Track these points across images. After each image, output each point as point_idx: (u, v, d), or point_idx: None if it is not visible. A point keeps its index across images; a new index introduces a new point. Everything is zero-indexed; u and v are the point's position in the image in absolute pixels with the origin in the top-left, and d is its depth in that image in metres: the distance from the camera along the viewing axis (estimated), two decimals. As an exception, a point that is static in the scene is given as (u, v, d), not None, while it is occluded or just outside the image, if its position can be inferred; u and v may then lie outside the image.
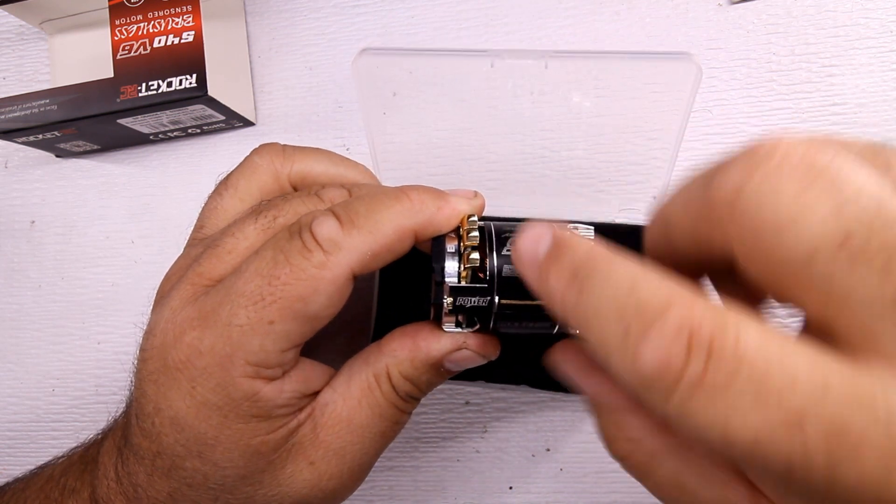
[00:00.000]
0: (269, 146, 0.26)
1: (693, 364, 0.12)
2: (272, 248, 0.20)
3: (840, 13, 0.34)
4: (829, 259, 0.13)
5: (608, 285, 0.15)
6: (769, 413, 0.12)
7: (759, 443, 0.12)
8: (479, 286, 0.20)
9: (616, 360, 0.14)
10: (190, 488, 0.21)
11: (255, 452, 0.21)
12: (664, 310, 0.13)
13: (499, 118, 0.31)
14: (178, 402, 0.20)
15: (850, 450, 0.11)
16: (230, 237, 0.22)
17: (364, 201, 0.21)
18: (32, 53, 0.43)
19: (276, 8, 0.40)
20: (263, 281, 0.19)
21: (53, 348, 0.40)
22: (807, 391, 0.12)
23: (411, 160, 0.33)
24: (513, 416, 0.34)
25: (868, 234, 0.12)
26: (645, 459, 0.17)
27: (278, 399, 0.21)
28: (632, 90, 0.27)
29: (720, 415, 0.12)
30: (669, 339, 0.13)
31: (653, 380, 0.13)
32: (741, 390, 0.12)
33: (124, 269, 0.40)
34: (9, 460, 0.39)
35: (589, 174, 0.33)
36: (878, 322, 0.12)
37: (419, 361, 0.22)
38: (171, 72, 0.35)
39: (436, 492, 0.34)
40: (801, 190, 0.13)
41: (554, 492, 0.33)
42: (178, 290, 0.22)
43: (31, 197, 0.42)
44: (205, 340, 0.20)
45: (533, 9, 0.37)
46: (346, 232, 0.20)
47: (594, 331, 0.15)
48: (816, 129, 0.34)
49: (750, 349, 0.12)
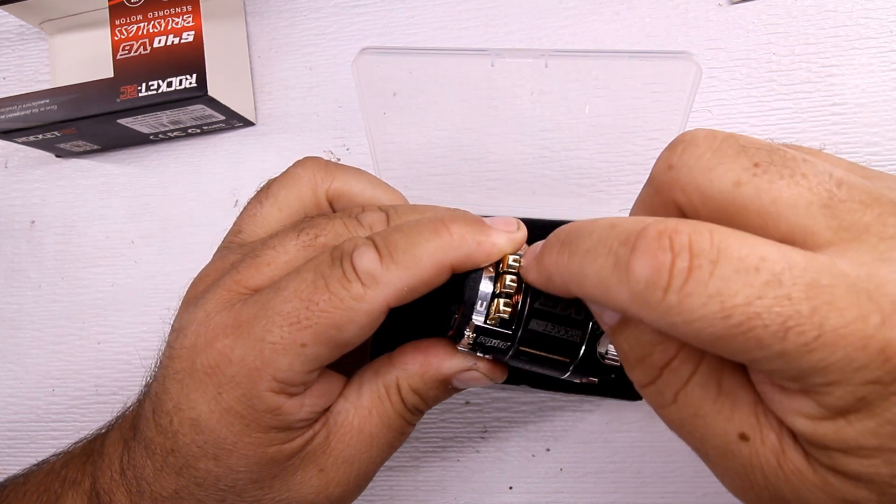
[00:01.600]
0: (313, 160, 0.26)
1: (679, 261, 0.15)
2: (313, 272, 0.20)
3: (840, 13, 0.34)
4: (749, 181, 0.16)
5: (591, 232, 0.17)
6: (753, 279, 0.14)
7: (752, 305, 0.14)
8: (504, 332, 0.21)
9: (615, 289, 0.16)
10: (198, 487, 0.22)
11: (271, 460, 0.21)
12: (643, 229, 0.16)
13: (499, 118, 0.31)
14: (201, 405, 0.21)
15: (828, 301, 0.14)
16: (271, 249, 0.22)
17: (404, 234, 0.21)
18: (32, 53, 0.43)
19: (276, 8, 0.40)
20: (301, 304, 0.20)
21: (53, 348, 0.40)
22: (778, 262, 0.14)
23: (411, 160, 0.33)
24: (513, 416, 0.34)
25: (770, 161, 0.16)
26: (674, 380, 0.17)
27: (299, 413, 0.21)
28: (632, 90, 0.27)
29: (714, 293, 0.14)
30: (653, 248, 0.15)
31: (649, 288, 0.15)
32: (726, 270, 0.14)
33: (124, 269, 0.40)
34: (9, 460, 0.39)
35: (589, 174, 0.33)
36: (805, 219, 0.15)
37: (429, 377, 0.23)
38: (171, 72, 0.35)
39: (436, 492, 0.34)
40: (714, 147, 0.17)
41: (554, 492, 0.33)
42: (214, 294, 0.22)
43: (31, 197, 0.42)
44: (236, 350, 0.20)
45: (533, 9, 0.37)
46: (385, 266, 0.20)
47: (590, 275, 0.17)
48: (816, 129, 0.34)
49: (724, 241, 0.15)
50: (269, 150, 0.39)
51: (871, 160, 0.33)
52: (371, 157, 0.32)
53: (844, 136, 0.33)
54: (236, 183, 0.39)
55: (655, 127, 0.28)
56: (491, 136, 0.32)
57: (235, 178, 0.39)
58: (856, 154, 0.33)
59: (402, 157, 0.33)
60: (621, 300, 0.16)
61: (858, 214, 0.15)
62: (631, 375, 0.19)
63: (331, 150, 0.38)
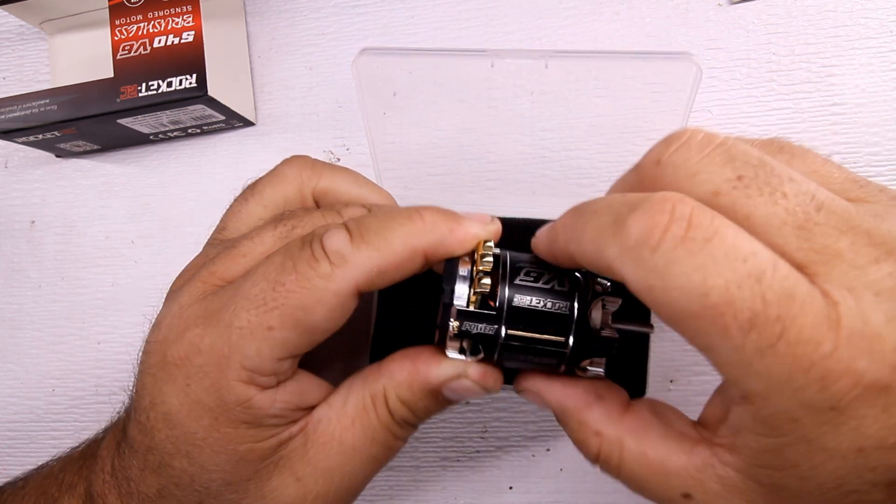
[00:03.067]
0: (300, 158, 0.26)
1: (675, 227, 0.15)
2: (282, 255, 0.20)
3: (840, 13, 0.34)
4: (727, 192, 0.16)
5: (603, 199, 0.18)
6: (738, 267, 0.15)
7: (730, 291, 0.15)
8: (488, 313, 0.20)
9: (607, 242, 0.16)
10: (177, 487, 0.21)
11: (242, 459, 0.21)
12: (649, 194, 0.16)
13: (499, 118, 0.31)
14: (171, 398, 0.20)
15: (794, 316, 0.14)
16: (247, 240, 0.23)
17: (376, 218, 0.21)
18: (32, 53, 0.43)
19: (276, 8, 0.40)
20: (268, 285, 0.20)
21: (53, 348, 0.40)
22: (765, 260, 0.15)
23: (411, 160, 0.33)
24: (513, 416, 0.34)
25: (755, 176, 0.16)
26: (612, 448, 0.19)
27: (270, 408, 0.20)
28: (632, 90, 0.27)
29: (700, 267, 0.15)
30: (654, 209, 0.16)
31: (639, 244, 0.16)
32: (716, 250, 0.15)
33: (124, 269, 0.40)
34: (9, 460, 0.39)
35: (589, 174, 0.33)
36: (776, 238, 0.16)
37: (417, 386, 0.22)
38: (171, 72, 0.35)
39: (436, 492, 0.34)
40: (704, 153, 0.17)
41: (554, 492, 0.33)
42: (189, 287, 0.22)
43: (31, 197, 0.42)
44: (205, 339, 0.20)
45: (533, 9, 0.37)
46: (354, 246, 0.20)
47: (588, 230, 0.17)
48: (816, 129, 0.34)
49: (723, 226, 0.15)
50: (269, 150, 0.39)
51: (871, 160, 0.33)
52: (371, 157, 0.32)
53: (844, 136, 0.33)
54: (236, 183, 0.38)
55: (655, 127, 0.28)
56: (491, 136, 0.32)
57: (235, 178, 0.39)
58: (856, 154, 0.33)
59: (402, 157, 0.33)
60: (610, 255, 0.16)
61: (832, 240, 0.15)
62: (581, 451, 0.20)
63: (331, 150, 0.38)
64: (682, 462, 0.18)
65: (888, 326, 0.14)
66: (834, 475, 0.15)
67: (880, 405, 0.14)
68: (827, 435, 0.15)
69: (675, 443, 0.18)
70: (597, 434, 0.20)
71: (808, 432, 0.15)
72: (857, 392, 0.14)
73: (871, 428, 0.14)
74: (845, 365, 0.14)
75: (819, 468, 0.15)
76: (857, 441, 0.15)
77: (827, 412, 0.15)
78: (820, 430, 0.15)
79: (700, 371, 0.33)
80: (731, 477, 0.17)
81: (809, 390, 0.14)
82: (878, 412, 0.14)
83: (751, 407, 0.16)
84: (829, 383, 0.14)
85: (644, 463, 0.19)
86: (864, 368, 0.14)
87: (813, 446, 0.15)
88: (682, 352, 0.33)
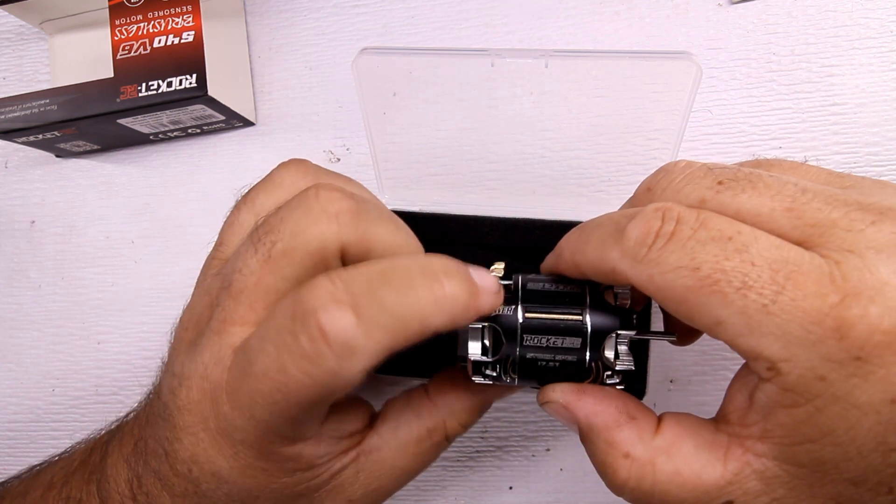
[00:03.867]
0: (296, 163, 0.24)
1: (666, 226, 0.17)
2: (275, 346, 0.18)
3: (840, 13, 0.34)
4: (712, 197, 0.18)
5: (603, 216, 0.20)
6: (725, 244, 0.16)
7: (719, 262, 0.16)
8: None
9: (609, 247, 0.18)
10: None
11: (300, 496, 0.21)
12: (645, 207, 0.18)
13: (499, 118, 0.31)
14: (220, 462, 0.20)
15: (789, 275, 0.15)
16: (237, 274, 0.20)
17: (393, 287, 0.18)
18: (32, 53, 0.43)
19: (276, 8, 0.40)
20: (275, 386, 0.18)
21: (53, 348, 0.40)
22: (749, 235, 0.16)
23: (411, 160, 0.33)
24: (513, 416, 0.34)
25: (734, 178, 0.18)
26: (645, 471, 0.18)
27: (319, 451, 0.21)
28: (632, 90, 0.27)
29: (688, 252, 0.17)
30: (648, 216, 0.18)
31: (636, 245, 0.18)
32: (702, 236, 0.17)
33: (124, 269, 0.40)
34: (9, 460, 0.39)
35: (589, 174, 0.33)
36: (769, 223, 0.17)
37: (476, 408, 0.24)
38: (171, 72, 0.35)
39: (436, 492, 0.34)
40: (685, 173, 0.19)
41: (554, 492, 0.33)
42: (208, 340, 0.20)
43: (31, 197, 0.42)
44: (237, 420, 0.19)
45: (533, 9, 0.37)
46: (363, 330, 0.17)
47: (593, 240, 0.19)
48: (816, 129, 0.34)
49: (708, 217, 0.17)
50: (269, 150, 0.39)
51: (871, 160, 0.33)
52: (371, 157, 0.32)
53: (844, 136, 0.33)
54: (236, 183, 0.39)
55: (655, 127, 0.28)
56: (491, 136, 0.32)
57: (235, 178, 0.39)
58: (856, 154, 0.33)
59: (402, 157, 0.33)
60: (612, 258, 0.18)
61: (824, 213, 0.16)
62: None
63: (331, 150, 0.38)
64: (719, 471, 0.17)
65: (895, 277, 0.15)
66: (871, 433, 0.15)
67: None
68: (857, 388, 0.15)
69: (706, 453, 0.18)
70: (626, 456, 0.19)
71: (838, 388, 0.15)
72: (877, 338, 0.14)
73: None
74: (858, 312, 0.14)
75: (855, 429, 0.15)
76: (889, 391, 0.15)
77: (852, 363, 0.15)
78: (849, 384, 0.15)
79: (700, 371, 0.33)
80: (770, 468, 0.17)
81: (828, 342, 0.15)
82: None
83: (777, 377, 0.16)
84: (846, 332, 0.14)
85: (679, 482, 0.18)
86: (878, 314, 0.14)
87: (845, 404, 0.15)
88: (682, 352, 0.33)
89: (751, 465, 0.17)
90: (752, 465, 0.17)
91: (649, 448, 0.19)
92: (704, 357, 0.33)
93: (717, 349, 0.33)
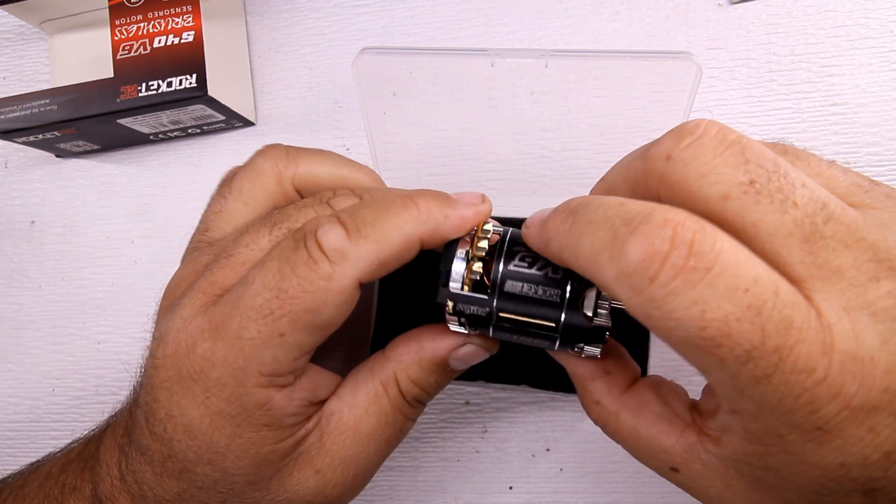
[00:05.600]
0: (273, 148, 0.25)
1: (675, 255, 0.15)
2: (278, 259, 0.20)
3: (840, 13, 0.34)
4: (738, 197, 0.16)
5: (599, 206, 0.17)
6: (739, 299, 0.14)
7: (728, 324, 0.14)
8: (479, 296, 0.21)
9: (604, 264, 0.16)
10: (199, 490, 0.22)
11: (265, 461, 0.21)
12: (650, 213, 0.15)
13: (499, 118, 0.31)
14: (191, 411, 0.20)
15: (791, 345, 0.14)
16: (244, 247, 0.22)
17: (371, 208, 0.21)
18: (32, 53, 0.43)
19: (276, 8, 0.40)
20: (271, 294, 0.19)
21: (53, 348, 0.40)
22: (766, 288, 0.14)
23: (411, 160, 0.33)
24: (513, 416, 0.34)
25: (768, 181, 0.16)
26: (609, 418, 0.21)
27: (288, 407, 0.21)
28: (632, 90, 0.27)
29: (698, 299, 0.14)
30: (654, 234, 0.15)
31: (637, 273, 0.15)
32: (717, 280, 0.14)
33: (124, 269, 0.40)
34: (9, 460, 0.39)
35: (589, 174, 0.33)
36: (781, 248, 0.15)
37: (426, 362, 0.23)
38: (171, 72, 0.35)
39: (436, 492, 0.34)
40: (718, 153, 0.16)
41: (554, 492, 0.33)
42: (190, 299, 0.22)
43: (31, 197, 0.42)
44: (217, 352, 0.20)
45: (533, 9, 0.37)
46: (352, 241, 0.20)
47: (585, 246, 0.17)
48: (816, 129, 0.34)
49: (724, 250, 0.15)
50: (269, 150, 0.39)
51: (871, 160, 0.33)
52: (371, 157, 0.32)
53: (844, 136, 0.33)
54: (236, 183, 0.39)
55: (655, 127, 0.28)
56: (491, 136, 0.32)
57: (235, 178, 0.39)
58: (856, 154, 0.33)
59: (402, 157, 0.33)
60: (607, 277, 0.16)
61: (835, 255, 0.15)
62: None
63: (331, 149, 0.38)
64: (671, 442, 0.19)
65: (882, 349, 0.14)
66: (814, 483, 0.16)
67: (867, 426, 0.14)
68: (811, 451, 0.15)
69: (667, 424, 0.19)
70: (597, 403, 0.21)
71: (792, 447, 0.15)
72: (845, 414, 0.14)
73: (856, 446, 0.15)
74: (835, 390, 0.14)
75: (799, 476, 0.16)
76: (839, 458, 0.15)
77: (813, 432, 0.15)
78: (805, 447, 0.15)
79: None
80: (714, 463, 0.18)
81: (798, 413, 0.15)
82: (864, 432, 0.14)
83: (739, 419, 0.16)
84: (818, 407, 0.14)
85: (636, 436, 0.20)
86: (853, 392, 0.14)
87: (795, 458, 0.15)
88: (682, 352, 0.33)
89: (698, 453, 0.18)
90: (700, 455, 0.18)
91: (615, 401, 0.21)
92: (704, 357, 0.33)
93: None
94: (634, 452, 0.20)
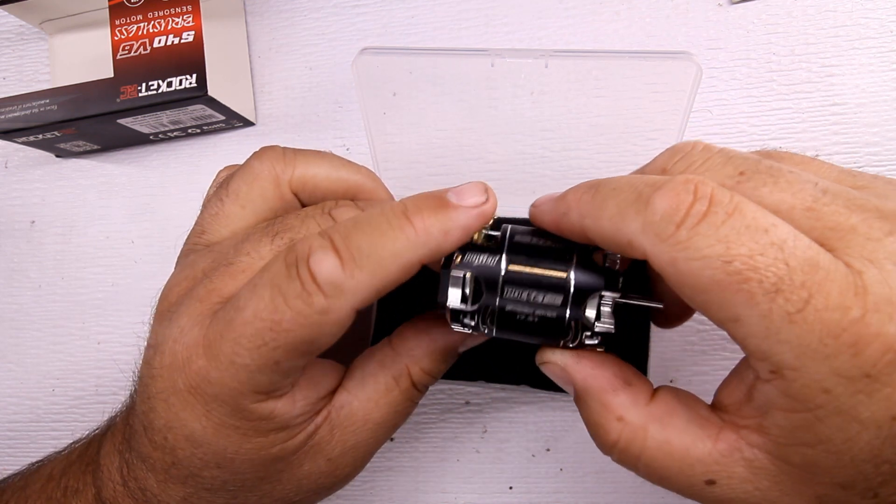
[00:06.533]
0: (270, 150, 0.25)
1: (698, 204, 0.16)
2: (269, 287, 0.19)
3: (840, 13, 0.34)
4: (733, 187, 0.17)
5: (621, 178, 0.18)
6: (760, 237, 0.15)
7: (753, 258, 0.15)
8: (490, 245, 0.21)
9: (630, 218, 0.17)
10: (208, 492, 0.21)
11: (276, 458, 0.21)
12: (671, 177, 0.17)
13: (499, 118, 0.31)
14: (193, 423, 0.20)
15: (819, 282, 0.15)
16: (245, 255, 0.22)
17: (366, 233, 0.19)
18: (32, 53, 0.43)
19: (276, 8, 0.40)
20: (264, 326, 0.19)
21: (53, 348, 0.40)
22: (785, 231, 0.15)
23: (411, 160, 0.33)
24: (513, 416, 0.34)
25: (756, 169, 0.17)
26: (636, 435, 0.19)
27: (293, 410, 0.21)
28: (632, 90, 0.27)
29: (722, 238, 0.15)
30: (678, 189, 0.16)
31: (663, 220, 0.16)
32: (738, 222, 0.15)
33: (124, 269, 0.40)
34: (9, 460, 0.39)
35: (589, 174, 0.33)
36: (788, 221, 0.16)
37: (438, 353, 0.23)
38: (171, 72, 0.35)
39: (436, 492, 0.34)
40: (706, 158, 0.18)
41: (554, 492, 0.33)
42: (187, 307, 0.21)
43: (31, 197, 0.42)
44: (212, 373, 0.20)
45: (533, 9, 0.37)
46: (347, 272, 0.18)
47: (609, 206, 0.18)
48: (816, 129, 0.34)
49: (742, 202, 0.16)
50: (269, 150, 0.39)
51: (871, 160, 0.33)
52: (371, 157, 0.32)
53: (844, 136, 0.33)
54: (236, 183, 0.39)
55: (655, 127, 0.28)
56: (491, 136, 0.32)
57: (235, 178, 0.39)
58: (856, 154, 0.33)
59: (402, 157, 0.33)
60: (633, 230, 0.17)
61: (843, 217, 0.16)
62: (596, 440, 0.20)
63: (331, 150, 0.38)
64: (708, 448, 0.17)
65: None
66: (868, 446, 0.15)
67: None
68: (862, 404, 0.15)
69: (699, 429, 0.18)
70: (619, 420, 0.19)
71: (842, 402, 0.15)
72: (889, 357, 0.14)
73: None
74: (875, 330, 0.14)
75: (853, 441, 0.15)
76: (892, 408, 0.14)
77: (860, 380, 0.14)
78: (854, 399, 0.15)
79: (700, 371, 0.33)
80: (760, 459, 0.17)
81: (841, 357, 0.14)
82: None
83: (780, 382, 0.15)
84: (861, 349, 0.14)
85: (667, 450, 0.18)
86: (894, 333, 0.14)
87: (847, 417, 0.15)
88: (682, 352, 0.33)
89: (741, 451, 0.17)
90: (743, 452, 0.17)
91: (643, 413, 0.19)
92: (704, 357, 0.33)
93: (717, 349, 0.33)
94: (663, 472, 0.18)
